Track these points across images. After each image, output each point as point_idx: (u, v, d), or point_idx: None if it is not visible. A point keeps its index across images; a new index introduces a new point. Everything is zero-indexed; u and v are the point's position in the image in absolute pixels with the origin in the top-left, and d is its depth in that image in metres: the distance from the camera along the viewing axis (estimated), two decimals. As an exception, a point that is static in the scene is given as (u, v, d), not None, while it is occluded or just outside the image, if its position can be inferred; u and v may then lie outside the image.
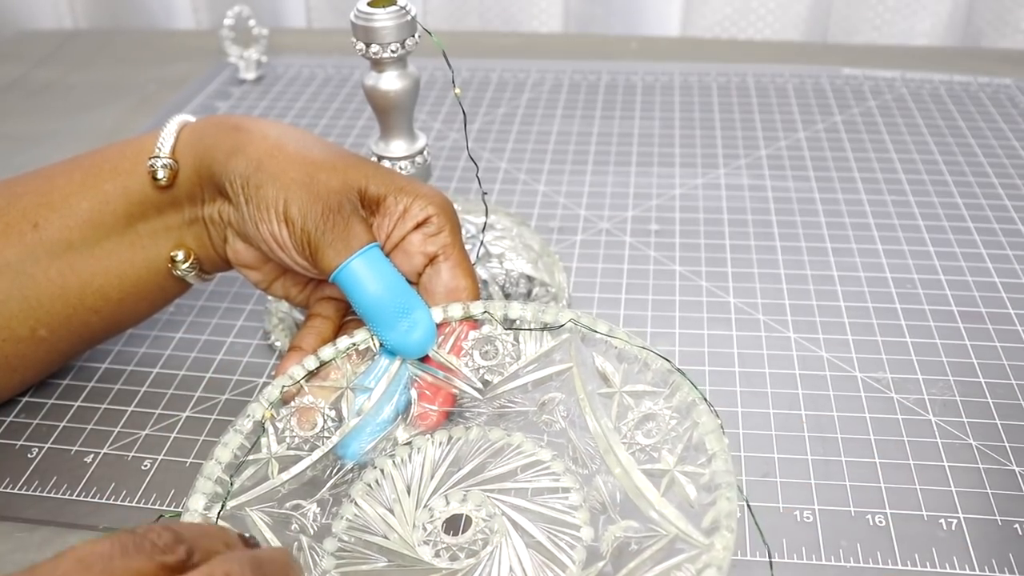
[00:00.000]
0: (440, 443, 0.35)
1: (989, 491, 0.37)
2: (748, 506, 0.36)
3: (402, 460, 0.35)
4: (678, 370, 0.33)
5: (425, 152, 0.42)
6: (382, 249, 0.36)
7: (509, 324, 0.36)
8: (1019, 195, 0.57)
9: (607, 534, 0.32)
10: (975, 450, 0.39)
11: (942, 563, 0.34)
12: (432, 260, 0.37)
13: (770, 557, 0.34)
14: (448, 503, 0.33)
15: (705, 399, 0.32)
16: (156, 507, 0.37)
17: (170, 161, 0.38)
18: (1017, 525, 0.35)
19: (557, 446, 0.35)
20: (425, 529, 0.32)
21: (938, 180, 0.59)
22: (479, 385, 0.35)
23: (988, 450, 0.39)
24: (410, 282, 0.37)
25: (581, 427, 0.34)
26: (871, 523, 0.36)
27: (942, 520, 0.36)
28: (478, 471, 0.34)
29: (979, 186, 0.58)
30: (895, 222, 0.55)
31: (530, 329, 0.35)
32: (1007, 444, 0.39)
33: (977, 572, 0.34)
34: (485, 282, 0.44)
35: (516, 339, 0.35)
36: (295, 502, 0.33)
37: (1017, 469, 0.38)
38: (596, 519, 0.32)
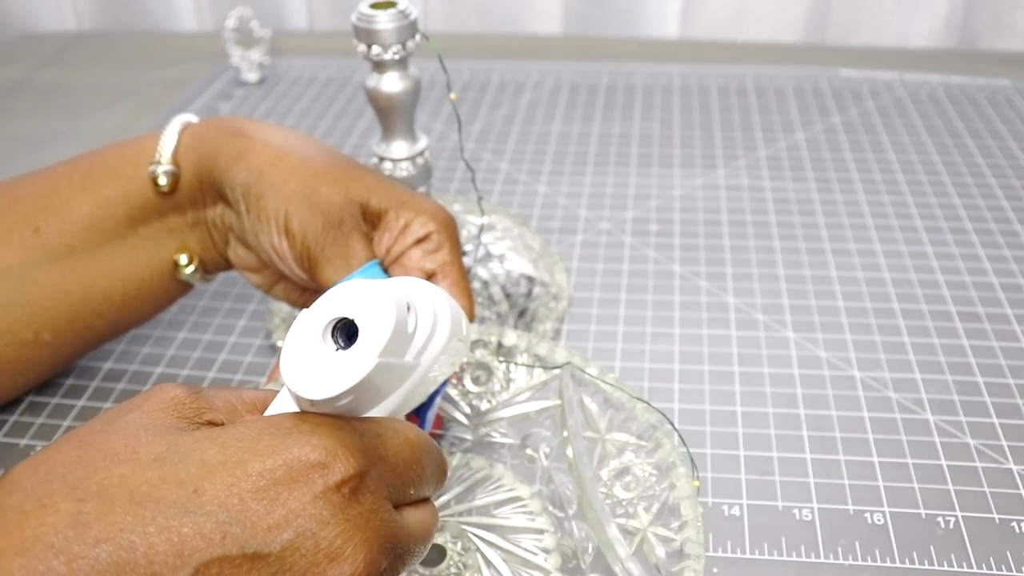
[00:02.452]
0: None
1: (987, 489, 0.37)
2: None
3: None
4: (671, 423, 0.33)
5: (426, 153, 0.42)
6: (381, 263, 0.36)
7: (502, 351, 0.36)
8: (1016, 196, 0.57)
9: None
10: (973, 449, 0.39)
11: (940, 561, 0.34)
12: (430, 277, 0.37)
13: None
14: None
15: (691, 458, 0.33)
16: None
17: (171, 168, 0.38)
18: (1015, 523, 0.36)
19: (537, 483, 0.35)
20: None
21: (936, 181, 0.59)
22: (467, 410, 0.35)
23: (986, 449, 0.39)
24: None
25: (562, 467, 0.34)
26: (869, 521, 0.36)
27: (940, 518, 0.36)
28: (458, 500, 0.34)
29: (976, 187, 0.58)
30: (893, 223, 0.55)
31: (522, 363, 0.35)
32: (1004, 443, 0.39)
33: (975, 570, 0.34)
34: (486, 282, 0.44)
35: (507, 368, 0.36)
36: None
37: (1014, 467, 0.38)
38: (566, 565, 0.33)
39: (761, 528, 0.36)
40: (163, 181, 0.38)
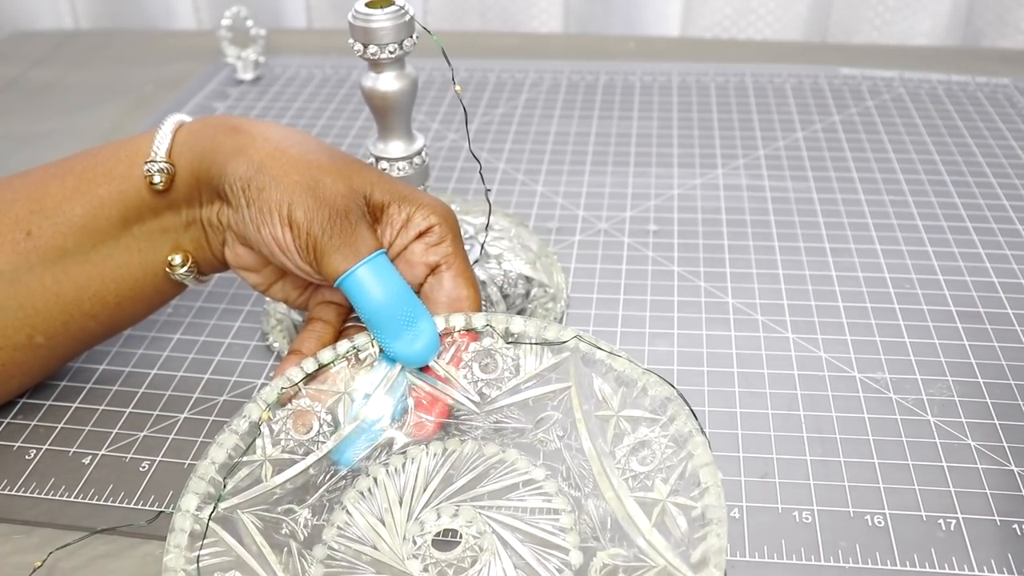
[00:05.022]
0: (435, 455, 0.35)
1: (988, 491, 0.37)
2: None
3: (395, 470, 0.35)
4: (680, 395, 0.33)
5: (423, 153, 0.42)
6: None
7: (510, 338, 0.35)
8: (1017, 195, 0.57)
9: (596, 560, 0.32)
10: (974, 450, 0.39)
11: (941, 563, 0.34)
12: (434, 270, 0.37)
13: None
14: (439, 517, 0.33)
15: (702, 430, 0.32)
16: (155, 508, 0.37)
17: (166, 165, 0.37)
18: (1016, 525, 0.35)
19: (551, 465, 0.35)
20: (415, 543, 0.32)
21: (936, 180, 0.59)
22: (476, 398, 0.35)
23: (987, 450, 0.39)
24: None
25: (576, 448, 0.34)
26: (870, 523, 0.36)
27: (941, 520, 0.36)
28: (471, 486, 0.34)
29: (977, 186, 0.58)
30: (893, 222, 0.55)
31: (531, 343, 0.35)
32: (1006, 444, 0.39)
33: (976, 572, 0.34)
34: (484, 283, 0.44)
35: (516, 354, 0.35)
36: (287, 506, 0.33)
37: (1016, 469, 0.38)
38: (585, 543, 0.32)
39: (761, 531, 0.36)
40: (158, 180, 0.37)
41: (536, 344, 0.35)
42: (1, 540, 0.36)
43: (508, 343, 0.35)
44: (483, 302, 0.44)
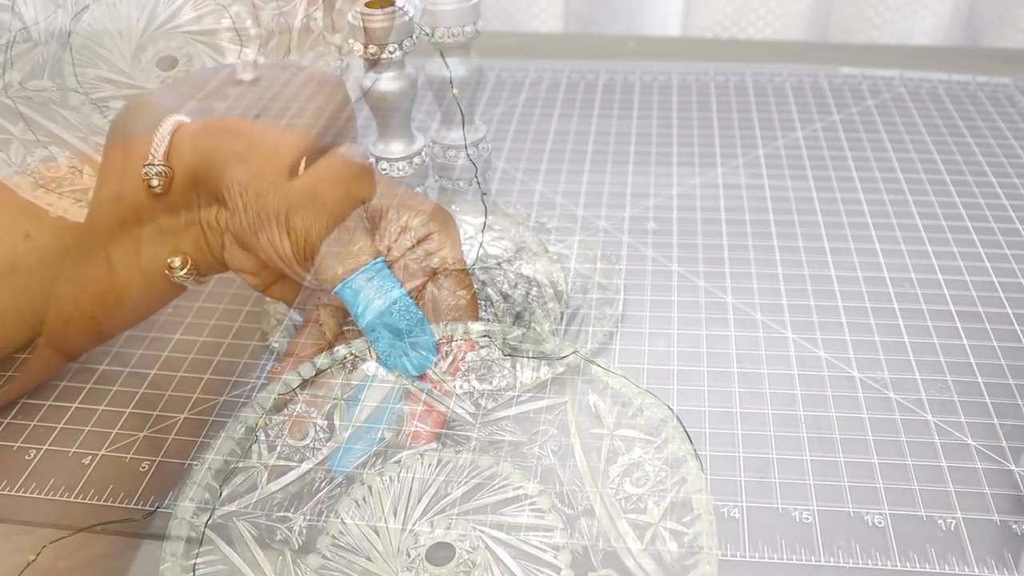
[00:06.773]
0: (429, 465, 0.35)
1: (987, 491, 0.37)
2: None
3: (391, 479, 0.35)
4: (677, 419, 0.33)
5: (423, 153, 0.42)
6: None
7: (508, 350, 0.36)
8: (1017, 195, 0.57)
9: None
10: (973, 450, 0.39)
11: (940, 563, 0.34)
12: (432, 276, 0.37)
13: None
14: (433, 529, 0.33)
15: (696, 455, 0.32)
16: (154, 509, 0.37)
17: (165, 168, 0.37)
18: (1015, 525, 0.35)
19: (545, 480, 0.35)
20: (408, 555, 0.33)
21: (936, 179, 0.59)
22: (472, 409, 0.35)
23: (986, 450, 0.39)
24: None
25: (570, 465, 0.34)
26: (869, 523, 0.36)
27: (940, 520, 0.36)
28: (465, 499, 0.34)
29: (977, 185, 0.58)
30: (893, 221, 0.55)
31: (529, 356, 0.35)
32: (1005, 444, 0.39)
33: (975, 572, 0.34)
34: (483, 283, 0.44)
35: (513, 366, 0.35)
36: (282, 513, 0.33)
37: (1015, 469, 0.38)
38: (577, 562, 0.33)
39: (759, 530, 0.36)
40: (156, 183, 0.37)
41: (534, 357, 0.35)
42: (1, 540, 0.36)
43: (506, 355, 0.35)
44: (483, 302, 0.44)
